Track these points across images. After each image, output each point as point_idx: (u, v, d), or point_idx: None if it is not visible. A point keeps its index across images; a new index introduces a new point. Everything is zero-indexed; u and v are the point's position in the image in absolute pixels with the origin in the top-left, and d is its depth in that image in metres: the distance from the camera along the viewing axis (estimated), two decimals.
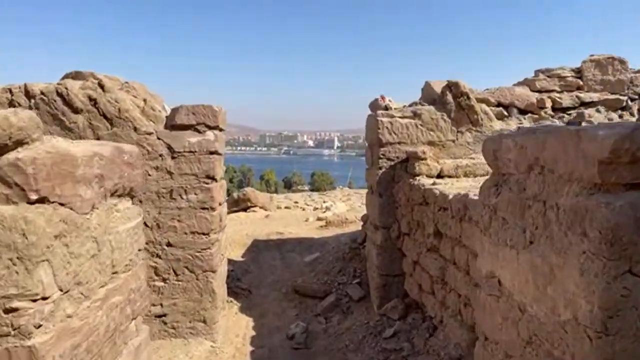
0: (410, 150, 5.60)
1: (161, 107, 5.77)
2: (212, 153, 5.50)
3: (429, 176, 5.34)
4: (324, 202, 22.35)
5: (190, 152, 5.44)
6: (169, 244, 5.49)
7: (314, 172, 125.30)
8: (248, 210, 16.34)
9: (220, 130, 5.80)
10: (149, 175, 5.39)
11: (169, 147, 5.41)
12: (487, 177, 2.85)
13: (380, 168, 5.73)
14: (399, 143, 5.70)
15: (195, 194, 5.48)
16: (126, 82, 5.67)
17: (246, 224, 10.65)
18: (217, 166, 5.57)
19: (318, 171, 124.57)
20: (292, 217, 11.79)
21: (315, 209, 14.55)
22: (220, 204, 5.84)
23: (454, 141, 5.77)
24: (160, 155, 5.40)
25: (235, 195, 16.75)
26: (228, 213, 17.06)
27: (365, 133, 6.61)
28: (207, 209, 5.51)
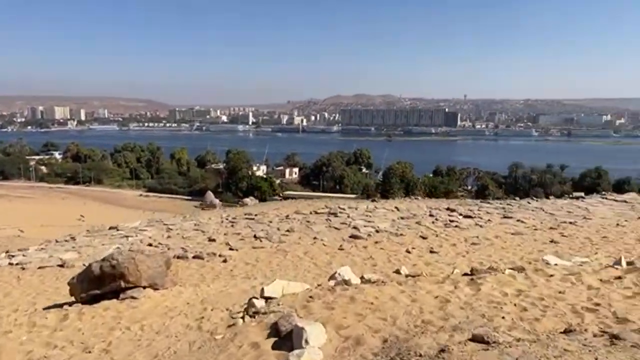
0: None
1: None
2: None
3: None
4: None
5: None
6: None
7: (229, 150, 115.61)
8: (121, 299, 8.87)
9: None
10: None
11: None
12: None
13: None
14: None
15: None
16: None
17: None
18: None
19: (233, 149, 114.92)
20: None
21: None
22: None
23: None
24: None
25: (95, 268, 8.86)
26: (84, 302, 7.94)
27: None
28: None
